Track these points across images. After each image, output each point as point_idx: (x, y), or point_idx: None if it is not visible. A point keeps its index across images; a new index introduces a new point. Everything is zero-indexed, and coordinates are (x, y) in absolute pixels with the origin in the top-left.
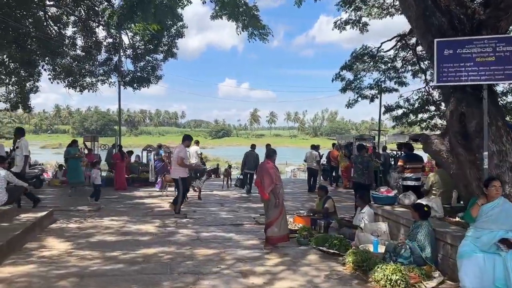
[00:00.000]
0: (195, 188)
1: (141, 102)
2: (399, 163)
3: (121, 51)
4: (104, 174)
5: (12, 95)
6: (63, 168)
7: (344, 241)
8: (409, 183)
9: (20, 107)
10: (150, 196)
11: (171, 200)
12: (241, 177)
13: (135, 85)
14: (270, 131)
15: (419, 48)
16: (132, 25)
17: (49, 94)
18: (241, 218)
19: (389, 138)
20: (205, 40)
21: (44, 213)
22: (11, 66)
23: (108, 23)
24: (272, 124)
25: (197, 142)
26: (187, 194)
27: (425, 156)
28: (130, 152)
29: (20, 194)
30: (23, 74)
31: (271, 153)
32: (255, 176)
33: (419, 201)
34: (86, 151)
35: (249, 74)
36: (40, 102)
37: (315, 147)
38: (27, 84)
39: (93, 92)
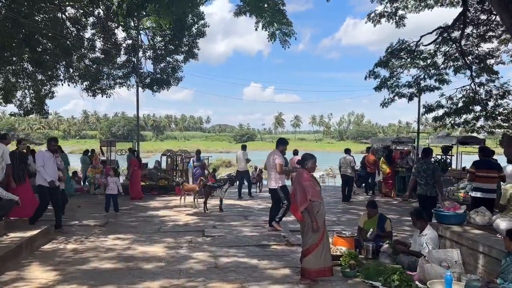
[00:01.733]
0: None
1: (167, 107)
2: (470, 169)
3: (140, 51)
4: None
5: (27, 100)
6: (77, 175)
7: (405, 275)
8: (479, 194)
9: (34, 112)
10: (166, 207)
11: (190, 211)
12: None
13: (154, 87)
14: (294, 135)
15: (463, 41)
16: (144, 18)
17: (79, 100)
18: (268, 237)
19: (433, 141)
20: (231, 45)
21: (37, 231)
22: (27, 70)
23: (117, 12)
24: (297, 128)
25: (244, 147)
26: (207, 206)
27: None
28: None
29: (9, 209)
30: (39, 78)
31: (305, 159)
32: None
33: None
34: (101, 157)
35: (274, 78)
36: (69, 109)
37: (348, 151)
38: (43, 89)
39: (107, 97)
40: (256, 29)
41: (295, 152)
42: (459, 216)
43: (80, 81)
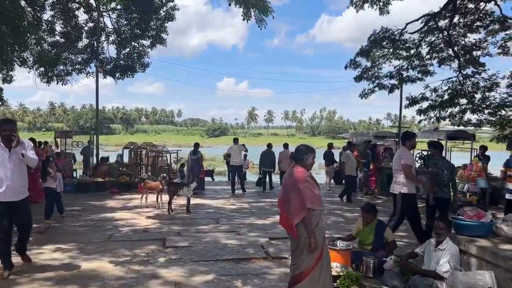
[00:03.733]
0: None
1: (138, 100)
2: (501, 169)
3: (103, 34)
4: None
5: None
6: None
7: None
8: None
9: None
10: (125, 208)
11: (152, 213)
12: (261, 176)
13: (117, 74)
14: (267, 130)
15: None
16: None
17: (46, 92)
18: (246, 247)
19: (419, 136)
20: (206, 39)
21: None
22: None
23: None
24: (270, 123)
25: (236, 140)
26: (171, 207)
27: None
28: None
29: None
30: None
31: (302, 152)
32: (273, 174)
33: None
34: (56, 150)
35: (248, 73)
36: (36, 100)
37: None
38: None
39: (63, 84)
40: (229, 5)
41: (286, 146)
42: (484, 226)
43: (35, 66)
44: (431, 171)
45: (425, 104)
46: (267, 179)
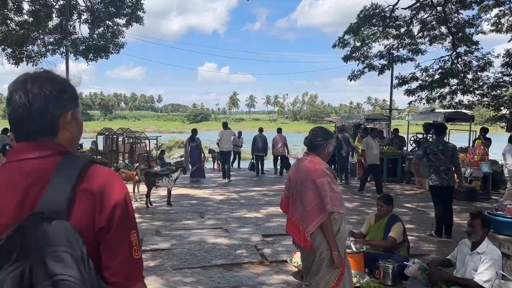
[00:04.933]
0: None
1: (117, 86)
2: None
3: (72, 11)
4: None
5: None
6: None
7: None
8: None
9: None
10: None
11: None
12: (253, 161)
13: (90, 55)
14: (249, 115)
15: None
16: None
17: (9, 76)
18: (237, 248)
19: (414, 117)
20: (186, 23)
21: None
22: None
23: None
24: (252, 108)
25: (225, 125)
26: (150, 199)
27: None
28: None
29: None
30: None
31: (319, 138)
32: (265, 159)
33: None
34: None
35: (229, 58)
36: None
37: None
38: None
39: (34, 65)
40: None
41: (279, 130)
42: None
43: (1, 46)
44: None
45: (414, 85)
46: (262, 163)
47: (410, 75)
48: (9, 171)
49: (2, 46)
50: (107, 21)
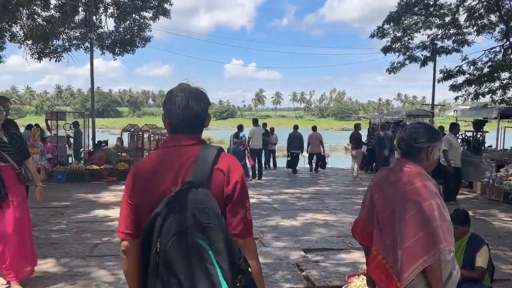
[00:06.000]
0: None
1: (145, 83)
2: None
3: (99, 5)
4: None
5: None
6: None
7: None
8: None
9: None
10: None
11: None
12: (289, 158)
13: (116, 49)
14: (275, 112)
15: None
16: None
17: (53, 76)
18: (275, 268)
19: (463, 113)
20: (214, 20)
21: None
22: None
23: None
24: (278, 105)
25: (255, 121)
26: None
27: None
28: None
29: None
30: None
31: (421, 139)
32: (301, 156)
33: None
34: (48, 134)
35: (256, 54)
36: (44, 84)
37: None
38: None
39: (57, 61)
40: None
41: (314, 128)
42: None
43: (25, 41)
44: None
45: (460, 79)
46: (296, 160)
47: (456, 68)
48: (167, 153)
49: (26, 41)
50: (133, 14)
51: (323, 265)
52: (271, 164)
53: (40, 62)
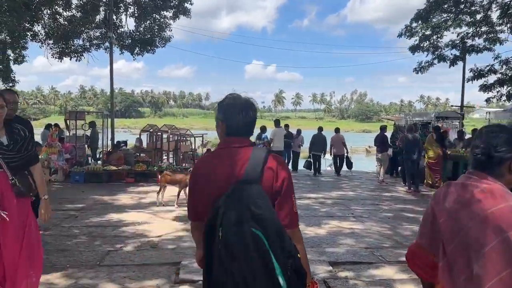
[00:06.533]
0: None
1: (167, 84)
2: None
3: (119, 4)
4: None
5: None
6: None
7: None
8: None
9: (1, 79)
10: (138, 206)
11: (172, 213)
12: (310, 159)
13: (136, 49)
14: (295, 113)
15: None
16: None
17: (78, 76)
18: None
19: (496, 116)
20: (235, 21)
21: None
22: None
23: None
24: (297, 106)
25: (277, 123)
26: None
27: None
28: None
29: None
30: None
31: (500, 147)
32: (323, 158)
33: None
34: (67, 132)
35: (277, 55)
36: (68, 84)
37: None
38: (14, 53)
39: (77, 60)
40: None
41: (337, 130)
42: None
43: (47, 41)
44: None
45: (492, 79)
46: (319, 162)
47: (488, 68)
48: (223, 153)
49: (53, 41)
50: (153, 14)
51: (352, 282)
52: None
53: (61, 61)
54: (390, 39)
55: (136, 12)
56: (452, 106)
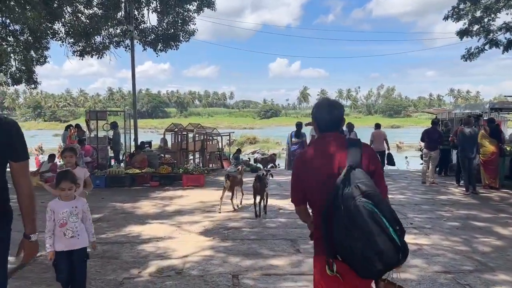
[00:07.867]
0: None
1: (191, 84)
2: None
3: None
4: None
5: (14, 68)
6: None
7: None
8: None
9: (24, 81)
10: (162, 215)
11: (204, 222)
12: None
13: (159, 45)
14: None
15: None
16: None
17: (106, 79)
18: None
19: None
20: (260, 20)
21: None
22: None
23: None
24: None
25: (377, 125)
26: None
27: None
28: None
29: None
30: (24, 38)
31: None
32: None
33: None
34: (88, 133)
35: (301, 52)
36: (97, 87)
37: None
38: (37, 54)
39: (99, 58)
40: None
41: (378, 126)
42: None
43: (68, 39)
44: None
45: None
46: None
47: None
48: (322, 145)
49: (68, 38)
50: (177, 8)
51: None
52: None
53: (82, 59)
54: (417, 33)
55: (158, 7)
56: (504, 96)
